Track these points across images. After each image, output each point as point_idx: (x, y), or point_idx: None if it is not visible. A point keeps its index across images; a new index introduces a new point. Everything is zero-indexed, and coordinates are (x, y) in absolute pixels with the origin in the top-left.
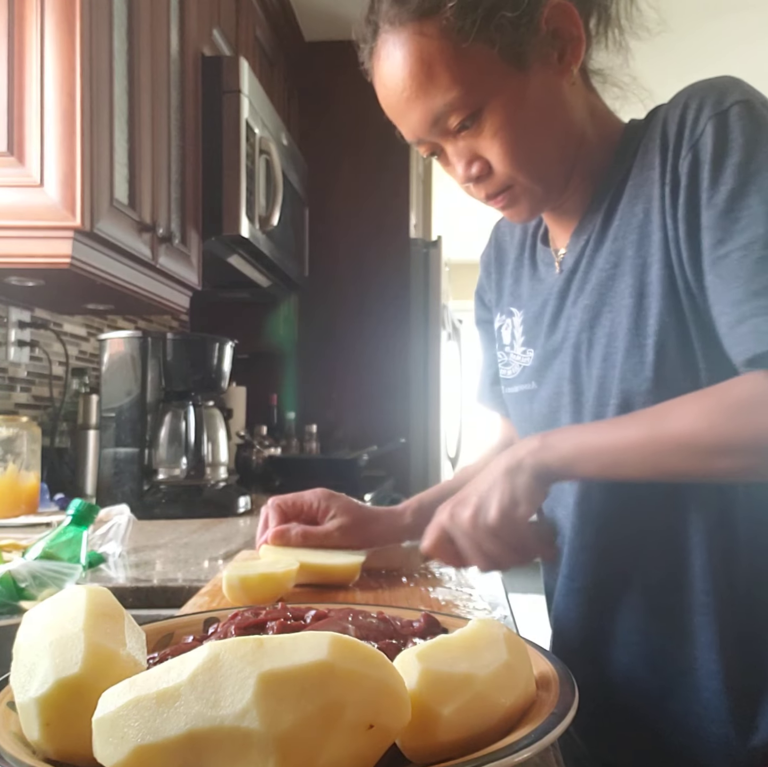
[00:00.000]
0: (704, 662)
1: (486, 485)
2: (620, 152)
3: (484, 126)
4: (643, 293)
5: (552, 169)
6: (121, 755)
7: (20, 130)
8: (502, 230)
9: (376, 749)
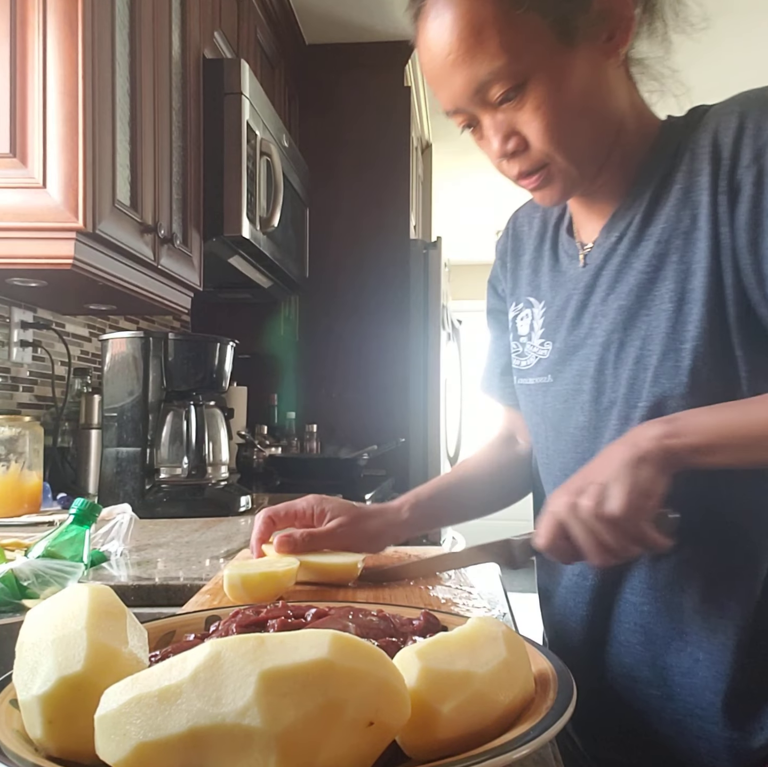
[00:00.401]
0: (708, 664)
1: (605, 476)
2: (659, 150)
3: (527, 99)
4: (684, 299)
5: (589, 151)
6: (124, 752)
7: (23, 132)
8: (520, 220)
9: (376, 746)
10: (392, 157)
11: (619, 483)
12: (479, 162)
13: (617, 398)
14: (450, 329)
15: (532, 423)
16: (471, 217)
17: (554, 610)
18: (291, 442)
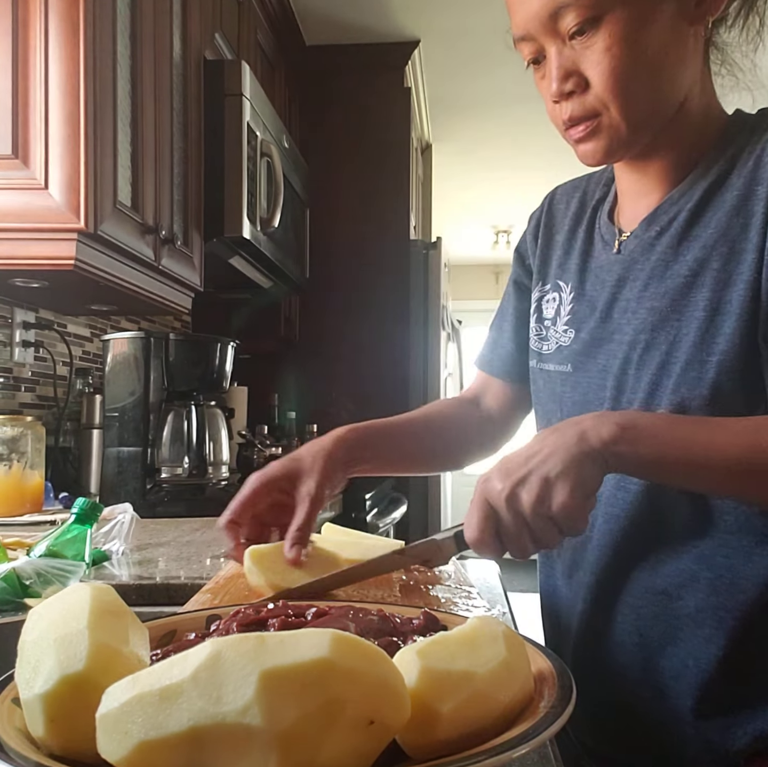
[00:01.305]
0: (696, 671)
1: (552, 468)
2: (720, 148)
3: (600, 36)
4: (719, 310)
5: (645, 113)
6: (125, 750)
7: (24, 133)
8: (558, 197)
9: (376, 745)
10: (392, 158)
11: (565, 480)
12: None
13: (635, 400)
14: (450, 329)
15: (545, 410)
16: (471, 217)
17: (553, 606)
18: (291, 442)
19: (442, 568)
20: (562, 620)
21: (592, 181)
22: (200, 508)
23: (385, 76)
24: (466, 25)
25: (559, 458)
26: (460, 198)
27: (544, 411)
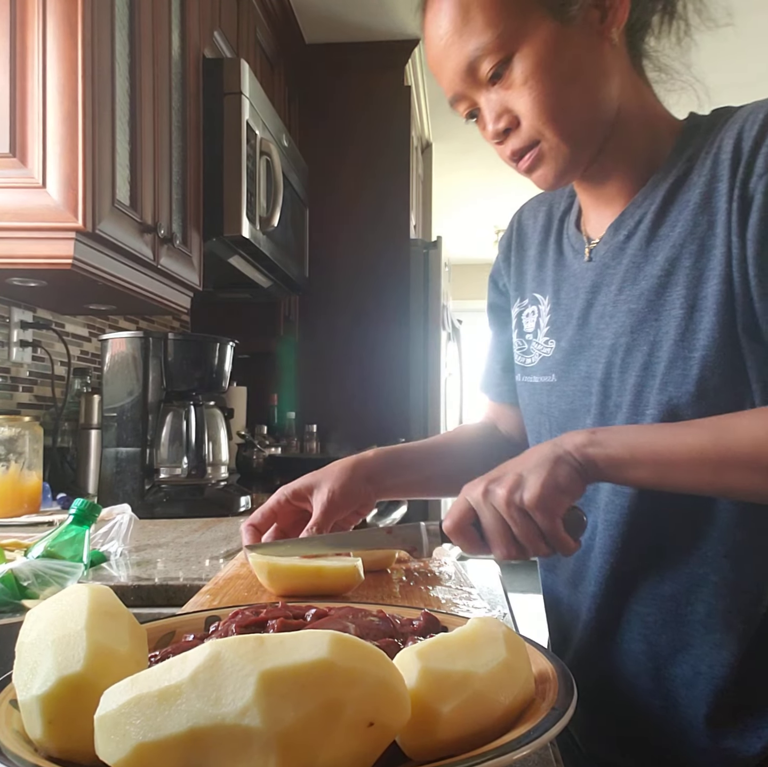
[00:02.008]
0: (708, 678)
1: (524, 468)
2: (678, 150)
3: (516, 73)
4: (696, 306)
5: (581, 130)
6: (123, 752)
7: (23, 132)
8: (525, 214)
9: (376, 747)
10: (392, 157)
11: (536, 474)
12: (479, 161)
13: (623, 403)
14: (450, 329)
15: (534, 423)
16: (471, 216)
17: (560, 614)
18: (291, 442)
19: (442, 569)
20: (565, 630)
21: (557, 193)
22: (199, 509)
23: (385, 75)
24: None
25: (531, 460)
26: (460, 197)
27: (533, 424)
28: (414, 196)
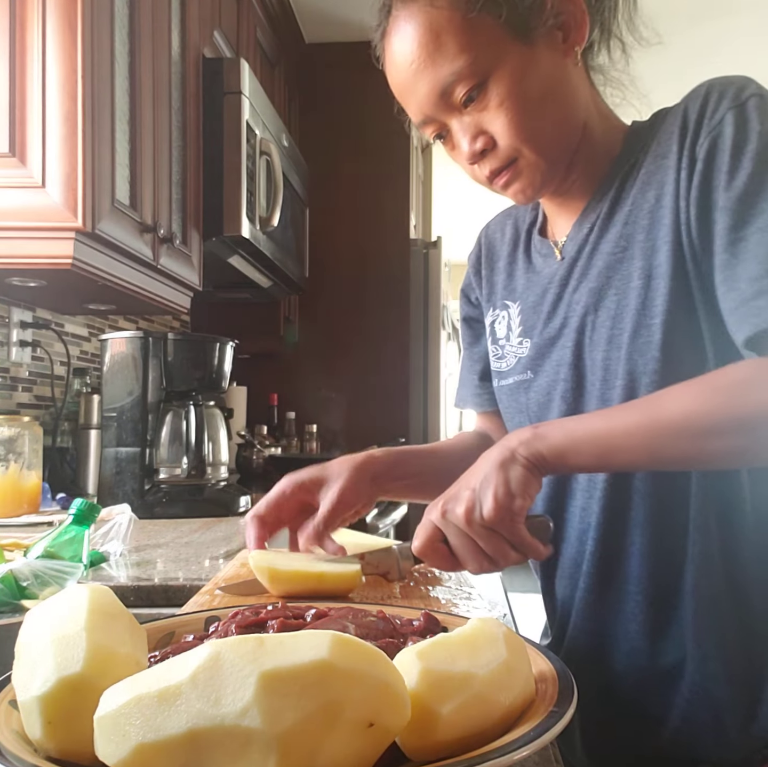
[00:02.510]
0: (708, 671)
1: (477, 479)
2: (626, 148)
3: (490, 96)
4: (652, 275)
5: (556, 145)
6: (123, 753)
7: (22, 131)
8: (492, 229)
9: (376, 747)
10: (392, 157)
11: (488, 486)
12: None
13: (596, 380)
14: (450, 329)
15: (514, 424)
16: (471, 216)
17: (554, 606)
18: (291, 442)
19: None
20: (562, 623)
21: (521, 207)
22: (199, 509)
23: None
24: None
25: (482, 470)
26: (460, 197)
27: (514, 425)
28: (414, 196)
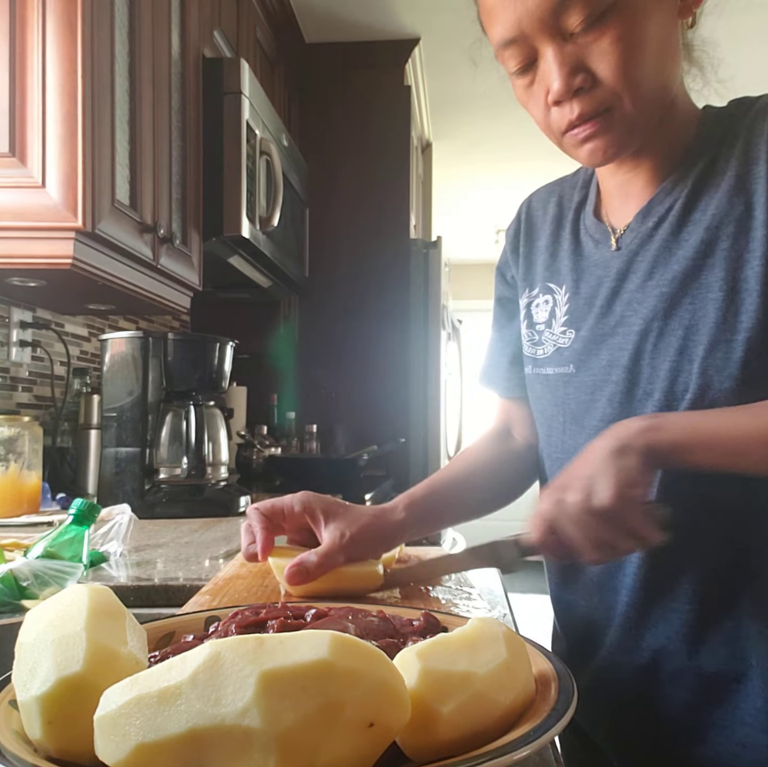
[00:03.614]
0: (760, 670)
1: (589, 470)
2: (704, 137)
3: (607, 29)
4: (736, 288)
5: (654, 103)
6: (123, 753)
7: (22, 131)
8: (534, 204)
9: (376, 747)
10: (392, 157)
11: (605, 474)
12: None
13: (654, 390)
14: (450, 329)
15: (545, 416)
16: (471, 217)
17: (578, 614)
18: (291, 442)
19: None
20: (587, 632)
21: (567, 185)
22: (199, 509)
23: (386, 74)
24: (467, 23)
25: (594, 460)
26: (460, 197)
27: (545, 418)
28: (414, 196)
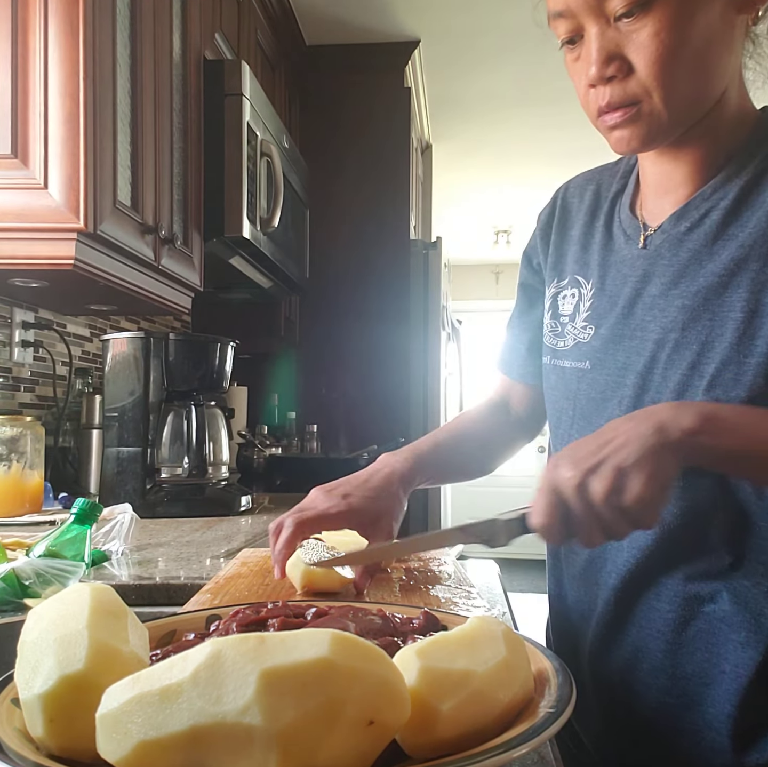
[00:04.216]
0: (733, 677)
1: (627, 457)
2: (755, 143)
3: (650, 19)
4: (757, 312)
5: (688, 102)
6: (125, 750)
7: (24, 133)
8: (571, 191)
9: (376, 745)
10: (392, 158)
11: (640, 471)
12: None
13: (661, 400)
14: (450, 329)
15: (556, 408)
16: (471, 217)
17: (567, 606)
18: (291, 442)
19: (442, 568)
20: (573, 624)
21: (606, 173)
22: (200, 508)
23: (386, 76)
24: (467, 25)
25: (635, 448)
26: (460, 198)
27: (555, 409)
28: (414, 196)
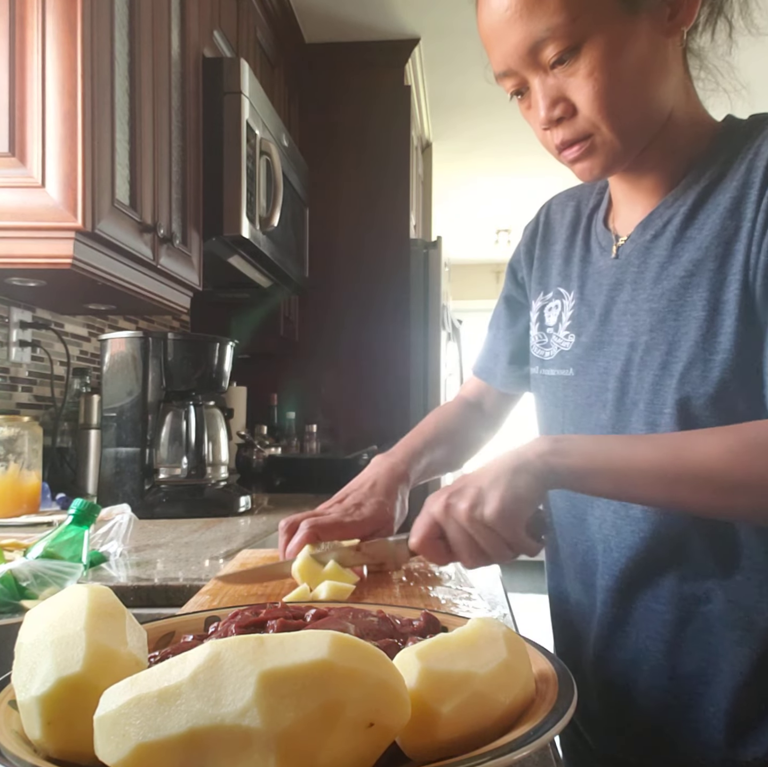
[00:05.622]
0: (730, 675)
1: (486, 480)
2: (713, 152)
3: (581, 63)
4: (718, 310)
5: (636, 128)
6: (123, 753)
7: (22, 131)
8: (554, 208)
9: (376, 747)
10: (392, 157)
11: (496, 488)
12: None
13: (639, 400)
14: (450, 329)
15: (547, 416)
16: (471, 217)
17: (565, 613)
18: (291, 442)
19: (442, 569)
20: (576, 626)
21: (586, 190)
22: (199, 509)
23: (385, 74)
24: (467, 23)
25: (493, 471)
26: (460, 197)
27: (546, 417)
28: (414, 196)
